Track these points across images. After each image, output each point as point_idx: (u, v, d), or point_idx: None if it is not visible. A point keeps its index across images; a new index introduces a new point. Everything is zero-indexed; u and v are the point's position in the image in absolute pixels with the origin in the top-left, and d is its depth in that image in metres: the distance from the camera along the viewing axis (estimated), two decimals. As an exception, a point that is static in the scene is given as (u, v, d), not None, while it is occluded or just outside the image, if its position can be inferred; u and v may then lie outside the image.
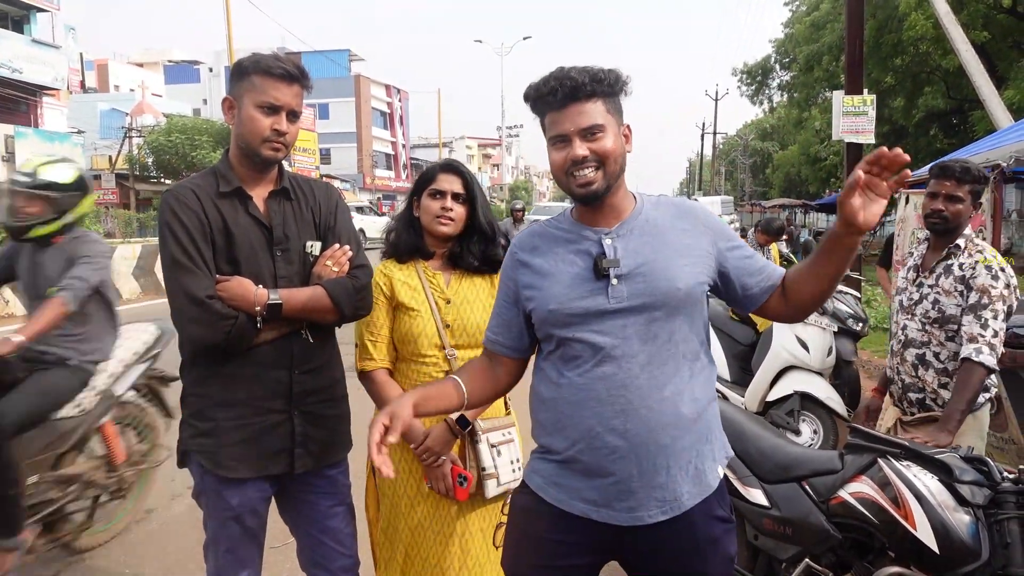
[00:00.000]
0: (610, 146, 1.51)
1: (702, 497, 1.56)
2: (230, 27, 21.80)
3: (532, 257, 1.62)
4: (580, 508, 1.56)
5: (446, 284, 2.16)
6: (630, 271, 1.52)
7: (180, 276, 1.77)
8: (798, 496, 2.33)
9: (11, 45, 22.80)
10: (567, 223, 1.63)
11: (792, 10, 24.50)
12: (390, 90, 54.89)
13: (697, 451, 1.55)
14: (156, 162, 28.64)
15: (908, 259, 2.87)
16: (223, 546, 1.94)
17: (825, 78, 19.86)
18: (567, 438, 1.55)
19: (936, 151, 16.34)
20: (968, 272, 2.57)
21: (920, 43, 15.67)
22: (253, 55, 1.88)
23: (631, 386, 1.50)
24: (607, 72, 1.52)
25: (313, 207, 1.99)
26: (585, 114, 1.49)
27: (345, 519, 2.08)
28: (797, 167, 30.92)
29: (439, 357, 2.11)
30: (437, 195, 2.10)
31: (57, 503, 3.11)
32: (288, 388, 1.91)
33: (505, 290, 1.68)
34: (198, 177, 1.93)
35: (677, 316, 1.52)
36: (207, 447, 1.89)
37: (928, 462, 2.09)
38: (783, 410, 4.70)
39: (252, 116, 1.82)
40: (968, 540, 1.94)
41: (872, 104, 8.07)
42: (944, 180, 2.63)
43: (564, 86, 1.49)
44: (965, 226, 2.67)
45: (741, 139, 49.89)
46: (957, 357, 2.57)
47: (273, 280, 1.88)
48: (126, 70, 43.81)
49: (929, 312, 2.66)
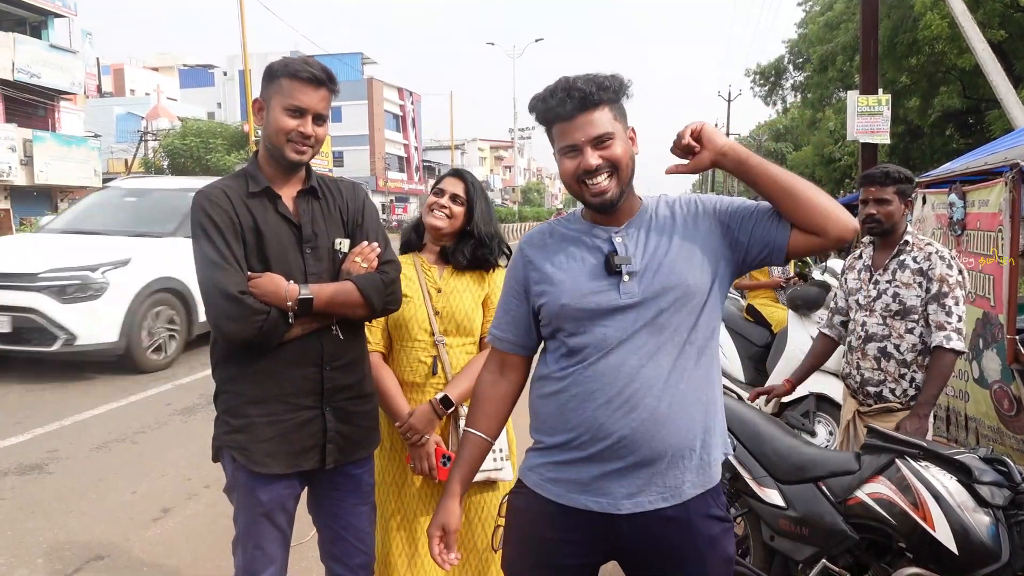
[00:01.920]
0: (620, 152, 1.53)
1: (704, 488, 1.57)
2: (244, 32, 21.97)
3: (542, 254, 1.64)
4: (580, 501, 1.56)
5: (439, 276, 2.30)
6: (641, 267, 1.54)
7: (213, 273, 1.82)
8: (815, 497, 2.31)
9: (29, 50, 23.07)
10: (576, 222, 1.65)
11: (805, 10, 24.37)
12: (402, 93, 55.09)
13: (703, 441, 1.56)
14: (171, 165, 28.89)
15: (855, 262, 3.04)
16: (252, 541, 1.97)
17: (839, 78, 19.73)
18: (571, 430, 1.56)
19: (952, 151, 16.19)
20: (924, 264, 2.73)
21: (936, 42, 15.52)
22: (283, 59, 1.93)
23: (637, 377, 1.51)
24: (611, 79, 1.53)
25: (340, 205, 2.03)
26: (594, 123, 1.51)
27: (368, 518, 2.14)
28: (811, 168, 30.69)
29: (428, 342, 2.24)
30: (438, 193, 2.28)
31: None
32: (319, 384, 1.94)
33: (513, 286, 1.69)
34: (228, 179, 1.98)
35: (685, 308, 1.54)
36: (240, 443, 1.92)
37: (947, 462, 2.07)
38: (798, 411, 4.67)
39: (278, 118, 1.87)
40: (988, 541, 1.92)
41: (887, 104, 8.01)
42: (869, 186, 2.84)
43: (572, 97, 1.50)
44: (903, 224, 2.85)
45: (755, 140, 49.65)
46: (915, 348, 2.75)
47: (303, 277, 1.91)
48: (142, 74, 44.25)
49: (890, 305, 2.79)
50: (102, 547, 3.46)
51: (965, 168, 4.70)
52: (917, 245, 2.80)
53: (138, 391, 6.22)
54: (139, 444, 4.93)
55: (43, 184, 23.32)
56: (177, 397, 6.06)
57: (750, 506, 2.51)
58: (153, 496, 4.06)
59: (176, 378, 6.67)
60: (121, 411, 5.68)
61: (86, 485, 4.20)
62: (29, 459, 4.61)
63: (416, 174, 57.05)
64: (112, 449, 4.82)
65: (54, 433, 5.12)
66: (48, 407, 5.72)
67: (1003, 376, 3.61)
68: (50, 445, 4.87)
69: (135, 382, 6.49)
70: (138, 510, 3.88)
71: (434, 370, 2.24)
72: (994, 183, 3.79)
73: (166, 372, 6.86)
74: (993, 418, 3.74)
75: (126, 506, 3.93)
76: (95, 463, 4.57)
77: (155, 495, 4.07)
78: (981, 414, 3.85)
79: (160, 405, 5.84)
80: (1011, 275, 3.56)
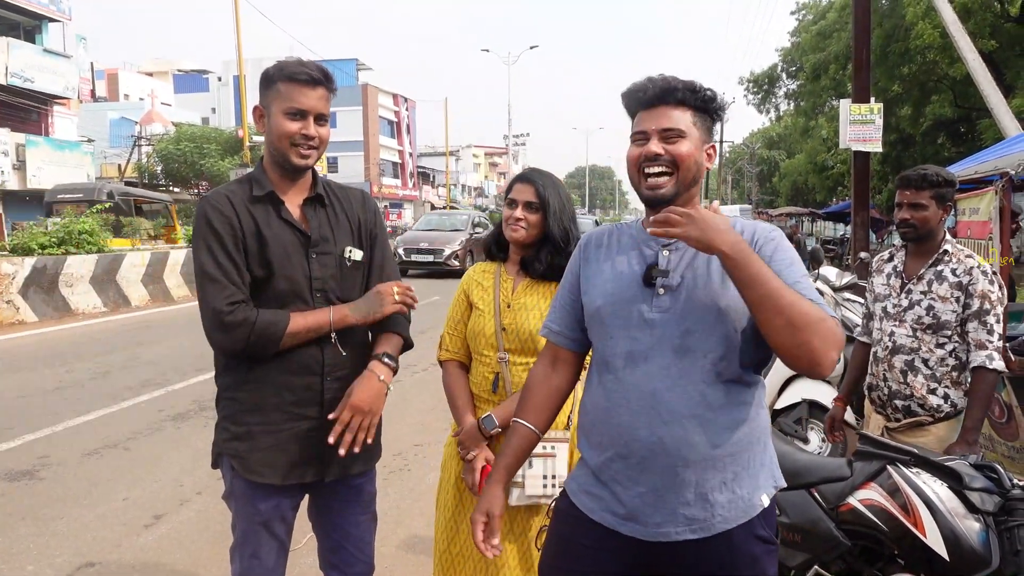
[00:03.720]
0: (685, 151, 1.51)
1: (738, 522, 1.51)
2: (239, 37, 21.94)
3: (597, 252, 1.66)
4: (609, 520, 1.54)
5: (513, 289, 2.25)
6: (677, 284, 1.52)
7: (206, 285, 1.81)
8: (807, 503, 2.32)
9: (23, 55, 23.02)
10: (636, 228, 1.65)
11: (799, 19, 24.55)
12: (397, 99, 55.11)
13: (734, 473, 1.49)
14: (165, 170, 28.84)
15: (884, 266, 2.88)
16: (249, 550, 1.95)
17: (832, 87, 19.87)
18: (599, 444, 1.55)
19: (944, 159, 16.30)
20: (964, 278, 2.58)
21: (927, 52, 15.66)
22: (278, 63, 1.91)
23: (661, 398, 1.48)
24: (706, 89, 1.54)
25: (350, 213, 2.02)
26: (669, 117, 1.52)
27: (368, 527, 2.11)
28: (804, 175, 30.85)
29: (492, 359, 2.21)
30: (512, 204, 2.22)
31: None
32: (320, 395, 1.92)
33: (570, 280, 1.70)
34: (234, 183, 1.97)
35: (717, 335, 1.48)
36: (239, 451, 1.91)
37: (938, 469, 2.08)
38: (791, 418, 4.68)
39: (280, 123, 1.86)
40: (978, 547, 1.93)
41: (879, 112, 8.07)
42: (905, 190, 2.69)
43: (656, 85, 1.52)
44: (940, 231, 2.69)
45: (748, 147, 49.84)
46: (945, 363, 2.62)
47: (308, 283, 1.90)
48: (136, 79, 44.14)
49: (923, 318, 2.65)
50: (93, 554, 3.44)
51: (956, 177, 4.73)
52: (957, 256, 2.63)
53: (130, 396, 6.19)
54: (131, 450, 4.90)
55: (36, 189, 23.20)
56: (170, 403, 6.03)
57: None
58: (145, 502, 4.04)
59: (169, 384, 6.65)
60: (113, 417, 5.65)
61: (77, 491, 4.18)
62: (20, 465, 4.58)
63: (411, 180, 57.03)
64: (104, 455, 4.79)
65: (45, 439, 5.09)
66: (39, 413, 5.68)
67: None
68: (41, 451, 4.84)
69: (127, 388, 6.46)
70: (130, 516, 3.85)
71: (494, 387, 2.20)
72: (984, 191, 3.83)
73: (159, 378, 6.84)
74: (985, 425, 3.76)
75: (118, 512, 3.91)
76: (87, 469, 4.54)
77: (147, 501, 4.05)
78: (972, 421, 3.87)
79: (153, 411, 5.81)
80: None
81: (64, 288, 10.73)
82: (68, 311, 10.64)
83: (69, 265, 10.85)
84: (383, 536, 3.46)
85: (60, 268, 10.69)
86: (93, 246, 11.86)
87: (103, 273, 11.47)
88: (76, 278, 10.95)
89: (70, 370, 7.13)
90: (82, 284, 11.07)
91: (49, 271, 10.49)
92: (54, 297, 10.55)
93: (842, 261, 15.85)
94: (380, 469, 3.32)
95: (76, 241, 11.60)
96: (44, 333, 9.39)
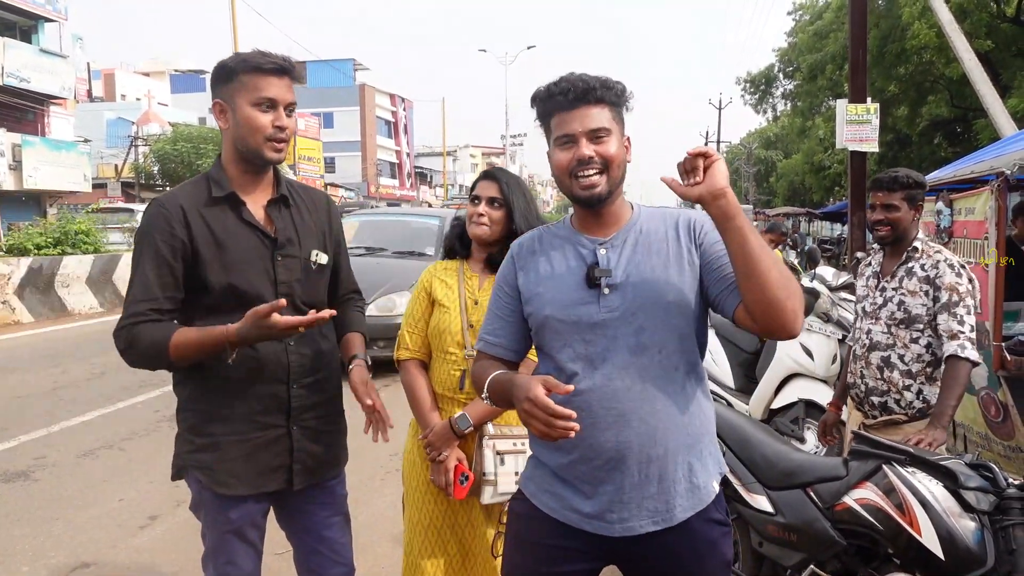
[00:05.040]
0: (614, 151, 1.53)
1: (695, 510, 1.56)
2: (236, 37, 21.91)
3: (531, 260, 1.64)
4: (574, 519, 1.56)
5: (479, 286, 2.23)
6: (622, 281, 1.53)
7: (128, 302, 1.79)
8: (803, 503, 2.32)
9: (19, 55, 22.94)
10: (565, 230, 1.65)
11: (795, 19, 24.58)
12: (394, 99, 55.09)
13: (689, 464, 1.56)
14: (162, 171, 28.75)
15: (865, 269, 2.97)
16: (223, 558, 1.91)
17: (829, 87, 19.90)
18: (559, 448, 1.55)
19: (940, 159, 16.34)
20: (932, 272, 2.65)
21: (924, 52, 15.69)
22: (236, 54, 1.83)
23: (623, 398, 1.50)
24: (616, 82, 1.55)
25: (315, 214, 1.97)
26: (592, 117, 1.52)
27: (342, 529, 2.07)
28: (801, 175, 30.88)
29: (459, 356, 2.18)
30: (475, 200, 2.21)
31: None
32: (287, 403, 1.87)
33: (507, 290, 1.67)
34: (189, 184, 1.88)
35: (667, 327, 1.52)
36: (205, 463, 1.85)
37: (933, 468, 2.08)
38: (788, 418, 4.68)
39: (250, 115, 1.76)
40: (973, 546, 1.93)
41: (876, 113, 8.07)
42: (877, 192, 2.76)
43: (576, 87, 1.51)
44: (913, 230, 2.76)
45: (745, 148, 49.90)
46: (921, 359, 2.67)
47: (273, 286, 1.84)
48: (132, 79, 44.07)
49: (895, 314, 2.72)
50: (88, 554, 3.43)
51: (952, 176, 4.75)
52: (927, 252, 2.71)
53: (126, 397, 6.18)
54: (126, 451, 4.90)
55: (32, 189, 23.16)
56: (165, 403, 6.02)
57: (739, 512, 2.51)
58: (140, 503, 4.03)
59: (164, 384, 6.63)
60: (108, 418, 5.64)
61: (73, 492, 4.17)
62: (15, 466, 4.57)
63: (408, 180, 57.00)
64: (99, 456, 4.79)
65: (41, 440, 5.08)
66: (35, 414, 5.67)
67: (989, 383, 3.64)
68: (36, 452, 4.83)
69: (123, 388, 6.45)
70: (125, 517, 3.85)
71: (461, 384, 2.18)
72: (980, 191, 3.83)
73: (154, 379, 6.82)
74: (981, 424, 3.77)
75: (113, 513, 3.90)
76: (82, 470, 4.53)
77: (142, 502, 4.04)
78: (970, 420, 3.88)
79: (148, 412, 5.81)
80: (997, 282, 3.59)
81: (60, 288, 10.72)
82: (64, 311, 10.62)
83: (65, 265, 10.83)
84: (379, 535, 3.42)
85: (56, 268, 10.68)
86: (89, 246, 11.84)
87: (99, 274, 11.46)
88: (72, 278, 10.94)
89: (66, 371, 7.11)
90: (78, 284, 11.05)
91: (45, 271, 10.48)
92: (50, 297, 10.53)
93: (839, 261, 15.88)
94: (377, 469, 3.33)
95: (72, 241, 11.58)
96: (40, 334, 9.38)
